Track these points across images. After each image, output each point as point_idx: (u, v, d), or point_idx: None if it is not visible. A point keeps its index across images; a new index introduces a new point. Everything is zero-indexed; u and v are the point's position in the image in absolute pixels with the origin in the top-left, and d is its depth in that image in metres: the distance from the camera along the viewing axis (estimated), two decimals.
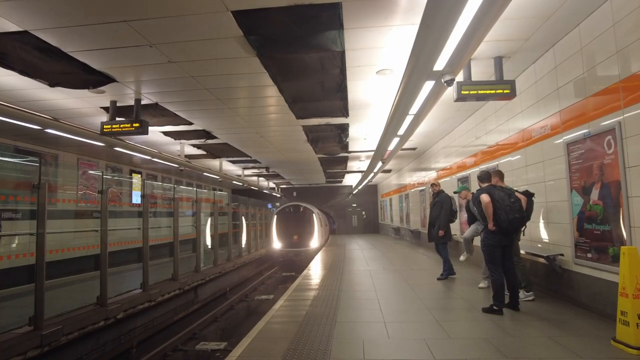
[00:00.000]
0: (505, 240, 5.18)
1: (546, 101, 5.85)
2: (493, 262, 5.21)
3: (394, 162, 16.09)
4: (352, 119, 9.20)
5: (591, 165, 4.76)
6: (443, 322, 4.81)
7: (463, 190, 7.18)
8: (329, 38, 5.07)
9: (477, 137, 8.95)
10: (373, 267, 10.00)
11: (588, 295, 5.02)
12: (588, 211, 4.85)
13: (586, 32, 4.83)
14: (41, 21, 4.50)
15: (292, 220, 17.59)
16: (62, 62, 5.52)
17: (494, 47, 5.47)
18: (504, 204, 5.08)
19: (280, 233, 17.26)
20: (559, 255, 5.50)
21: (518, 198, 5.26)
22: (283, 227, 17.35)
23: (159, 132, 9.84)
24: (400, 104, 6.01)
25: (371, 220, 29.29)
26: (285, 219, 17.61)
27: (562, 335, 4.13)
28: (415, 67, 4.59)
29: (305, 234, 17.17)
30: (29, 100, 7.07)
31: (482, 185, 5.63)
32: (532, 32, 5.10)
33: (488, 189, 5.35)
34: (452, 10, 3.37)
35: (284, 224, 17.42)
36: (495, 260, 5.20)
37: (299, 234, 17.11)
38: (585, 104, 4.90)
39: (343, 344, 4.13)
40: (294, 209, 18.11)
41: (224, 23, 4.63)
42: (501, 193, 5.20)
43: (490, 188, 5.36)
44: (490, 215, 5.10)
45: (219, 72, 6.13)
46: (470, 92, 5.40)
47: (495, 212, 5.08)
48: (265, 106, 8.00)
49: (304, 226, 17.42)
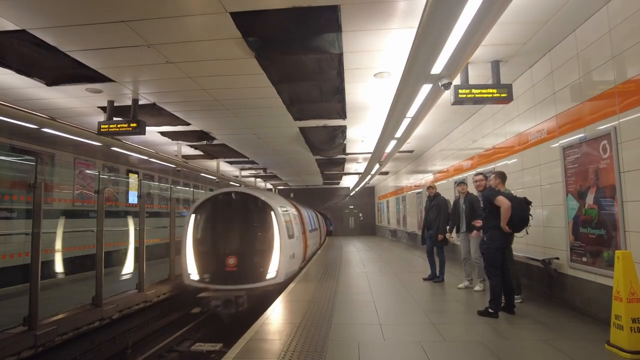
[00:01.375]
0: (507, 243, 5.29)
1: (543, 105, 5.88)
2: (495, 266, 5.19)
3: (391, 165, 16.12)
4: (350, 121, 9.21)
5: (587, 170, 4.79)
6: (438, 324, 4.81)
7: (461, 184, 7.10)
8: (327, 40, 5.09)
9: (474, 140, 8.98)
10: (369, 269, 10.00)
11: (583, 298, 5.04)
12: (583, 215, 4.87)
13: (582, 38, 4.87)
14: (39, 20, 4.49)
15: (227, 223, 8.43)
16: (60, 62, 5.50)
17: (491, 51, 5.50)
18: (514, 204, 5.14)
19: (199, 252, 8.03)
20: (555, 259, 5.53)
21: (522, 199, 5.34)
22: (206, 239, 8.28)
23: (156, 132, 9.82)
24: (398, 106, 6.04)
25: (368, 222, 29.32)
26: (212, 222, 8.45)
27: (556, 339, 4.14)
28: (413, 70, 4.62)
29: (252, 254, 8.04)
30: (26, 99, 7.05)
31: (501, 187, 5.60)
32: (529, 36, 5.13)
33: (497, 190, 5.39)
34: (449, 14, 3.39)
35: (208, 234, 8.36)
36: (498, 263, 5.18)
37: (240, 254, 7.91)
38: (581, 109, 4.93)
39: (338, 346, 4.14)
40: (231, 200, 8.69)
41: (222, 24, 4.64)
42: (510, 196, 5.30)
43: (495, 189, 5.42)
44: (506, 219, 5.06)
45: (217, 73, 6.13)
46: (467, 95, 5.43)
47: None
48: (263, 107, 7.99)
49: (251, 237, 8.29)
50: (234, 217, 8.33)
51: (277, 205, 8.50)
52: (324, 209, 28.92)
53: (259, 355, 3.98)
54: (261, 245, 7.95)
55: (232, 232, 8.17)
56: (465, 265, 6.98)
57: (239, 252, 7.82)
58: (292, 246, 8.53)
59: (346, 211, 29.96)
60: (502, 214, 5.07)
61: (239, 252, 7.81)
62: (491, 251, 5.23)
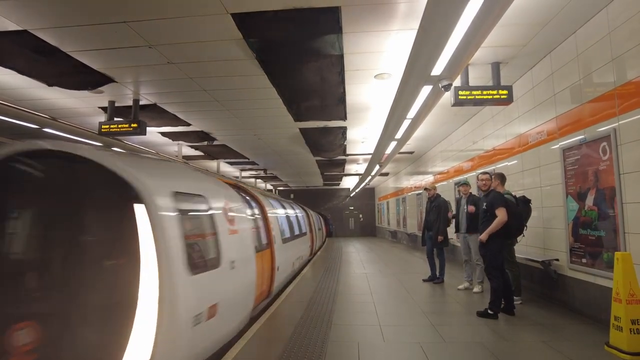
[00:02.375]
0: (504, 244, 5.31)
1: (543, 107, 5.89)
2: (496, 267, 5.16)
3: (391, 166, 16.13)
4: (351, 122, 9.22)
5: (586, 171, 4.80)
6: (438, 325, 4.82)
7: (464, 185, 6.98)
8: (328, 42, 5.10)
9: (474, 141, 8.99)
10: (369, 270, 10.01)
11: (582, 300, 5.04)
12: (583, 217, 4.88)
13: (583, 40, 4.88)
14: (40, 21, 4.51)
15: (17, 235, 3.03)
16: (61, 62, 5.52)
17: (492, 53, 5.51)
18: (516, 211, 5.19)
19: None
20: (554, 260, 5.53)
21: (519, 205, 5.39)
22: None
23: (156, 132, 9.84)
24: (398, 107, 6.06)
25: (368, 223, 29.32)
26: None
27: (556, 340, 4.14)
28: (413, 72, 4.63)
29: (81, 318, 2.73)
30: (27, 99, 7.06)
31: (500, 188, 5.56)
32: (529, 38, 5.14)
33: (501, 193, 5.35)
34: (450, 15, 3.41)
35: None
36: (499, 265, 5.17)
37: (48, 319, 2.69)
38: (581, 111, 4.94)
39: (338, 346, 4.14)
40: (37, 174, 3.13)
41: (223, 25, 4.65)
42: (512, 200, 5.30)
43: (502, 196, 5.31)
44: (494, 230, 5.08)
45: (218, 73, 6.14)
46: (467, 96, 5.45)
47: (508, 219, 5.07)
48: (264, 108, 8.01)
49: (81, 274, 2.84)
50: (40, 218, 3.12)
51: (160, 185, 3.16)
52: (324, 210, 28.92)
53: (259, 355, 3.98)
54: (108, 295, 2.84)
55: (30, 259, 3.02)
56: (466, 266, 6.99)
57: (45, 312, 2.80)
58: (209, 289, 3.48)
59: (346, 212, 29.96)
60: (494, 224, 5.09)
61: (45, 313, 2.78)
62: (491, 253, 5.22)
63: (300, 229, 11.26)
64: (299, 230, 10.92)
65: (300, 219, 12.02)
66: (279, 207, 9.15)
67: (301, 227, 11.70)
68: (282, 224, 8.50)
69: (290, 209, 11.26)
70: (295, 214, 11.48)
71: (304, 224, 12.57)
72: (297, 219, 11.55)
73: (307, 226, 13.14)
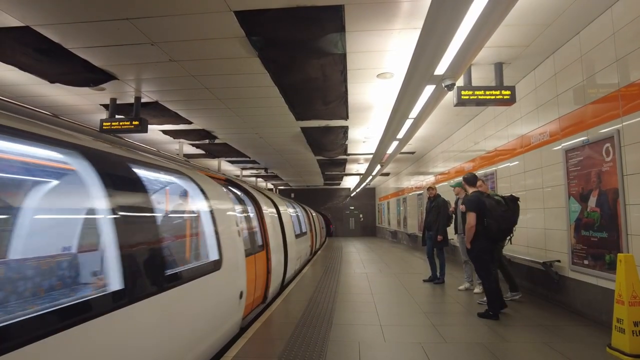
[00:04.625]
0: (491, 246, 5.23)
1: (545, 108, 5.87)
2: (485, 270, 5.21)
3: (392, 166, 16.12)
4: (352, 122, 9.21)
5: (589, 173, 4.78)
6: (439, 326, 4.81)
7: (457, 187, 6.95)
8: (331, 40, 5.09)
9: (475, 142, 8.97)
10: (370, 270, 9.99)
11: (584, 301, 5.03)
12: (585, 218, 4.86)
13: (586, 40, 4.86)
14: (43, 17, 4.50)
15: None
16: (63, 59, 5.51)
17: (495, 53, 5.50)
18: (496, 213, 5.09)
19: None
20: (556, 262, 5.52)
21: (508, 207, 5.31)
22: None
23: (158, 130, 9.83)
24: (400, 107, 6.04)
25: (369, 224, 29.31)
26: None
27: (557, 342, 4.13)
28: (416, 71, 4.62)
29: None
30: (28, 95, 7.06)
31: (468, 190, 5.53)
32: (532, 39, 5.12)
33: (477, 196, 5.27)
34: (454, 15, 3.39)
35: None
36: (487, 267, 5.18)
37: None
38: (584, 112, 4.92)
39: (339, 346, 4.12)
40: None
41: (226, 23, 4.64)
42: (492, 202, 5.20)
43: (479, 195, 5.29)
44: (470, 238, 5.13)
45: (220, 72, 6.13)
46: (470, 96, 5.43)
47: (484, 222, 5.07)
48: (265, 107, 8.00)
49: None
50: None
51: None
52: (325, 210, 28.91)
53: (260, 354, 3.97)
54: None
55: None
56: (466, 266, 6.97)
57: None
58: None
59: (347, 212, 29.94)
60: (466, 232, 5.18)
61: None
62: (473, 255, 5.25)
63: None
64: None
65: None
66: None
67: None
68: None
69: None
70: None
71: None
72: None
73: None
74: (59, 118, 7.67)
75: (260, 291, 5.57)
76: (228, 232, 4.22)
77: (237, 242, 4.46)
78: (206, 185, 4.21)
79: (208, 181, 4.43)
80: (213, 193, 4.27)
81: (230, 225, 4.38)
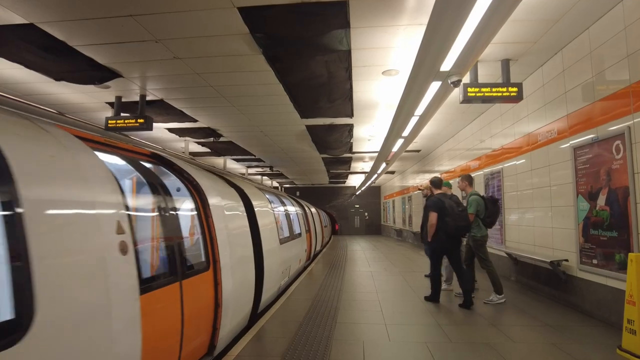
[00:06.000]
0: (448, 244, 5.74)
1: (553, 105, 5.79)
2: (436, 261, 5.95)
3: (397, 164, 16.04)
4: (357, 120, 9.15)
5: (598, 171, 4.70)
6: (444, 325, 4.75)
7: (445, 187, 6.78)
8: (335, 37, 5.03)
9: (481, 140, 8.88)
10: (375, 268, 9.95)
11: (593, 302, 4.95)
12: (594, 217, 4.78)
13: (596, 36, 4.77)
14: (47, 14, 4.49)
15: None
16: (68, 56, 5.51)
17: (502, 50, 5.42)
18: (453, 212, 5.64)
19: None
20: (564, 261, 5.44)
21: (465, 208, 5.82)
22: None
23: (163, 128, 9.83)
24: (406, 104, 5.98)
25: (373, 222, 29.23)
26: None
27: (566, 343, 4.06)
28: (422, 67, 4.56)
29: None
30: (34, 94, 7.08)
31: (435, 192, 6.14)
32: (540, 35, 5.04)
33: (439, 197, 5.83)
34: (460, 10, 3.33)
35: None
36: (437, 260, 5.96)
37: None
38: (594, 108, 4.84)
39: (343, 345, 4.09)
40: None
41: (230, 20, 4.60)
42: (451, 202, 5.74)
43: (441, 196, 5.85)
44: (431, 233, 5.74)
45: (224, 69, 6.10)
46: (476, 94, 5.36)
47: (444, 219, 5.64)
48: (270, 105, 7.96)
49: None
50: None
51: None
52: (330, 208, 28.87)
53: (263, 353, 3.94)
54: None
55: None
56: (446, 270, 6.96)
57: None
58: None
59: (352, 210, 29.88)
60: (428, 227, 5.80)
61: None
62: (434, 247, 5.91)
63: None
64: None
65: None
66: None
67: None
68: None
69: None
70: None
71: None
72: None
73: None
74: (65, 116, 7.70)
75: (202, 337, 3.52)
76: None
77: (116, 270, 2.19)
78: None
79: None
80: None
81: None
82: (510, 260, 7.24)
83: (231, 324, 4.01)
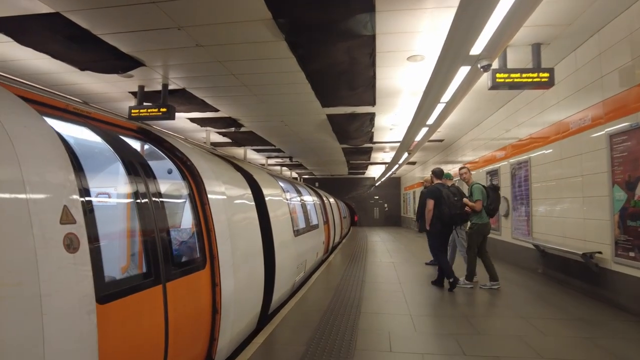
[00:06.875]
0: (445, 229, 6.15)
1: (587, 91, 5.54)
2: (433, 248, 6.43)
3: (419, 155, 15.78)
4: (379, 108, 9.00)
5: (637, 159, 4.47)
6: (471, 317, 4.65)
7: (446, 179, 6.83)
8: (360, 21, 4.90)
9: (507, 129, 8.62)
10: (396, 259, 9.85)
11: (629, 296, 4.75)
12: (632, 207, 4.56)
13: (637, 16, 4.51)
14: (72, 2, 4.50)
15: None
16: (93, 45, 5.54)
17: (533, 33, 5.19)
18: (449, 201, 5.96)
19: None
20: (597, 253, 5.23)
21: (461, 197, 6.13)
22: None
23: (185, 118, 9.88)
24: (432, 90, 5.82)
25: (393, 213, 28.99)
26: None
27: (600, 337, 3.91)
28: (450, 51, 4.40)
29: None
30: (60, 84, 7.18)
31: (435, 181, 6.48)
32: (575, 16, 4.80)
33: (437, 186, 6.16)
34: None
35: None
36: (435, 246, 6.35)
37: None
38: (633, 93, 4.59)
39: (368, 335, 4.04)
40: None
41: (252, 5, 4.53)
42: (448, 192, 6.07)
43: (439, 186, 6.17)
44: (429, 219, 6.08)
45: (246, 56, 6.04)
46: (505, 80, 5.16)
47: (440, 207, 5.97)
48: (291, 93, 7.89)
49: None
50: None
51: None
52: (349, 199, 28.75)
53: (288, 341, 3.92)
54: None
55: None
56: None
57: None
58: None
59: (371, 201, 29.69)
60: (425, 214, 6.15)
61: None
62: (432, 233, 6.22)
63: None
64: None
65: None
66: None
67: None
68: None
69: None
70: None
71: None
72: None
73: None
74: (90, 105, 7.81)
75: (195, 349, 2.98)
76: None
77: None
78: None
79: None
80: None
81: None
82: (537, 252, 7.04)
83: (233, 331, 3.40)
